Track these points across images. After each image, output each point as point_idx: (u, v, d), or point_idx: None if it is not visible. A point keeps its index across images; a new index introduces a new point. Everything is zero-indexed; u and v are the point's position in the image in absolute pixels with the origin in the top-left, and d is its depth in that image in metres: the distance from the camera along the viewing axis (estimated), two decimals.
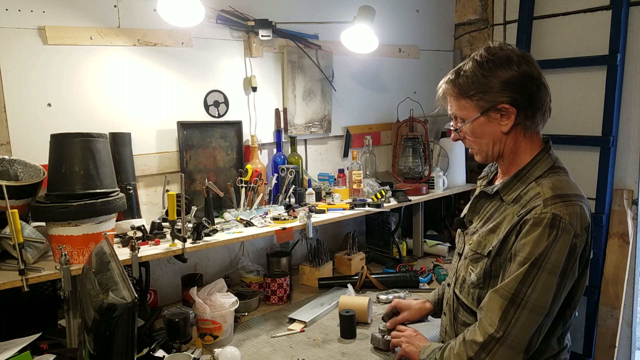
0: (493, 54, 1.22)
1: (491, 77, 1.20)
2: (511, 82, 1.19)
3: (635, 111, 2.60)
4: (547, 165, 1.27)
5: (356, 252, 2.57)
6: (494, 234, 1.25)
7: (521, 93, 1.20)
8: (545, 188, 1.20)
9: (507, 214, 1.24)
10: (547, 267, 1.14)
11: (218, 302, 1.78)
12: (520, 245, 1.17)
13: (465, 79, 1.23)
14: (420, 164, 2.63)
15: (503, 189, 1.28)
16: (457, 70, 1.27)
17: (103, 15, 1.89)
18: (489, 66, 1.20)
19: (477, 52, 1.26)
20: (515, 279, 1.16)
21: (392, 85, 2.94)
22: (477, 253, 1.29)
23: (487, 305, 1.20)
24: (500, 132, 1.25)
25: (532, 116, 1.23)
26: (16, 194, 1.51)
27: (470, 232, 1.37)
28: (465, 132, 1.30)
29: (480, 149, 1.31)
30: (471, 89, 1.22)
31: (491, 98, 1.21)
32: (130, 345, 1.09)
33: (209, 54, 2.18)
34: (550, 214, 1.14)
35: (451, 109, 1.30)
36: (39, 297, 1.77)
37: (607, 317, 2.65)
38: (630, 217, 2.63)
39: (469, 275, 1.31)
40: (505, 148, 1.28)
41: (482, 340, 1.17)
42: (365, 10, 2.27)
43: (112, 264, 1.24)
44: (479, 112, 1.24)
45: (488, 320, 1.18)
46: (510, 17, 3.08)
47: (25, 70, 1.75)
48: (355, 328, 1.83)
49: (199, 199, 2.10)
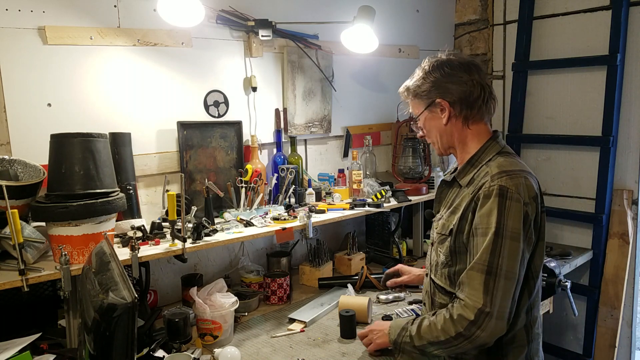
0: (435, 61, 1.43)
1: (428, 78, 1.42)
2: (442, 81, 1.40)
3: (635, 111, 2.60)
4: (495, 150, 1.40)
5: (356, 252, 2.57)
6: (454, 215, 1.38)
7: (454, 91, 1.39)
8: (492, 167, 1.34)
9: (464, 195, 1.38)
10: (508, 235, 1.25)
11: (218, 302, 1.78)
12: (477, 218, 1.29)
13: (414, 82, 1.46)
14: (420, 164, 2.63)
15: (459, 175, 1.43)
16: (410, 77, 1.50)
17: (103, 15, 1.89)
18: (429, 70, 1.43)
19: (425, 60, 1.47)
20: (484, 251, 1.25)
21: (392, 85, 2.93)
22: (442, 234, 1.41)
23: (468, 283, 1.27)
24: (442, 125, 1.43)
25: (468, 108, 1.40)
26: (16, 194, 1.51)
27: (436, 219, 1.51)
28: (419, 127, 1.51)
29: (433, 142, 1.50)
30: (416, 90, 1.45)
31: (428, 95, 1.42)
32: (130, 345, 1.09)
33: (209, 54, 2.18)
34: (497, 186, 1.28)
35: (409, 109, 1.54)
36: (39, 297, 1.77)
37: (607, 317, 2.65)
38: (630, 217, 2.63)
39: (439, 257, 1.42)
40: (453, 139, 1.45)
41: (473, 315, 1.24)
42: (365, 10, 2.27)
43: (112, 264, 1.24)
44: (423, 108, 1.45)
45: (473, 297, 1.25)
46: (510, 17, 3.08)
47: (25, 70, 1.75)
48: (355, 328, 1.83)
49: (199, 199, 2.10)
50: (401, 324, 1.44)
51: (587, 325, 2.72)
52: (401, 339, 1.41)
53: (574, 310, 1.84)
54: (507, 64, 3.11)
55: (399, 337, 1.42)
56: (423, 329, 1.35)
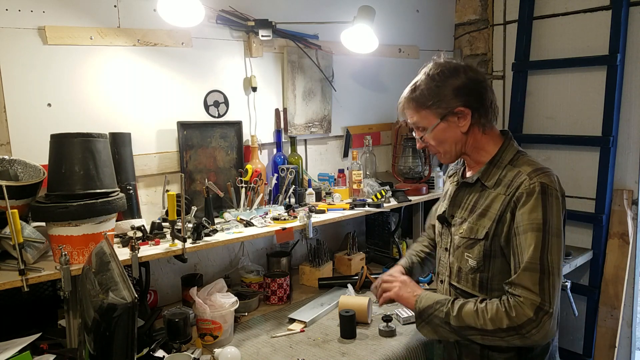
0: (442, 66, 1.36)
1: (444, 86, 1.34)
2: (462, 87, 1.33)
3: (635, 111, 2.60)
4: (514, 150, 1.39)
5: (356, 252, 2.57)
6: (486, 217, 1.33)
7: (472, 95, 1.34)
8: (523, 166, 1.32)
9: (493, 197, 1.34)
10: (553, 231, 1.24)
11: (218, 302, 1.78)
12: (520, 215, 1.26)
13: (421, 92, 1.36)
14: (420, 164, 2.63)
15: (483, 176, 1.38)
16: (412, 86, 1.40)
17: (103, 15, 1.89)
18: (440, 77, 1.34)
19: (426, 66, 1.39)
20: (535, 249, 1.23)
21: (392, 85, 2.93)
22: (471, 239, 1.36)
23: (523, 283, 1.23)
24: (461, 133, 1.38)
25: (485, 114, 1.36)
26: (16, 194, 1.51)
27: (457, 223, 1.43)
28: (428, 139, 1.41)
29: (445, 151, 1.42)
30: (428, 100, 1.35)
31: (447, 104, 1.34)
32: (130, 345, 1.09)
33: (209, 54, 2.18)
34: (538, 183, 1.26)
35: (412, 120, 1.43)
36: (39, 297, 1.77)
37: (607, 317, 2.65)
38: (630, 217, 2.63)
39: (466, 263, 1.37)
40: (467, 146, 1.40)
41: (532, 313, 1.20)
42: (365, 10, 2.27)
43: (112, 264, 1.24)
44: (438, 119, 1.36)
45: (530, 295, 1.21)
46: (510, 17, 3.08)
47: (25, 70, 1.75)
48: (355, 328, 1.83)
49: (199, 199, 2.10)
50: (434, 297, 1.39)
51: (587, 325, 2.72)
52: (432, 311, 1.35)
53: (574, 310, 1.85)
54: (507, 64, 3.11)
55: (430, 308, 1.36)
56: (466, 312, 1.29)
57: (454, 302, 1.34)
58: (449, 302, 1.34)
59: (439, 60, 1.39)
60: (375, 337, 1.82)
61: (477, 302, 1.30)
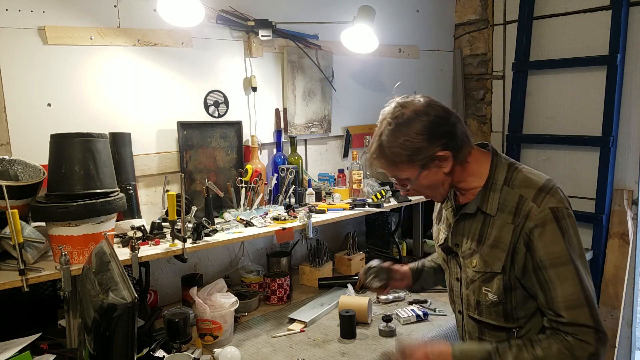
0: (400, 116, 1.26)
1: (412, 137, 1.23)
2: (431, 131, 1.23)
3: (635, 111, 2.60)
4: (504, 167, 1.30)
5: (356, 252, 2.57)
6: (499, 249, 1.25)
7: (445, 135, 1.24)
8: (523, 188, 1.24)
9: (499, 225, 1.25)
10: (577, 255, 1.19)
11: (218, 302, 1.78)
12: (540, 250, 1.19)
13: (391, 150, 1.26)
14: None
15: (482, 204, 1.29)
16: (377, 147, 1.30)
17: (103, 15, 1.89)
18: (404, 129, 1.24)
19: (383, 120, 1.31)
20: (573, 284, 1.17)
21: (392, 85, 2.91)
22: (487, 272, 1.27)
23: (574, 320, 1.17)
24: (444, 175, 1.29)
25: (461, 147, 1.26)
26: (16, 194, 1.51)
27: (465, 254, 1.33)
28: (414, 189, 1.35)
29: (433, 194, 1.36)
30: (401, 157, 1.26)
31: (424, 154, 1.24)
32: (130, 345, 1.09)
33: (209, 54, 2.18)
34: (547, 210, 1.19)
35: (391, 175, 1.34)
36: (39, 297, 1.77)
37: (607, 317, 2.65)
38: (630, 217, 2.63)
39: (485, 297, 1.29)
40: (455, 180, 1.32)
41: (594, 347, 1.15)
42: (365, 10, 2.27)
43: (112, 264, 1.24)
44: (419, 170, 1.27)
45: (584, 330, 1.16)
46: (510, 17, 3.08)
47: (25, 70, 1.75)
48: (355, 328, 1.83)
49: (199, 199, 2.10)
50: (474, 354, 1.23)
51: None
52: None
53: None
54: (507, 64, 3.11)
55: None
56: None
57: (500, 354, 1.20)
58: (496, 355, 1.20)
59: (395, 110, 1.29)
60: (375, 337, 1.82)
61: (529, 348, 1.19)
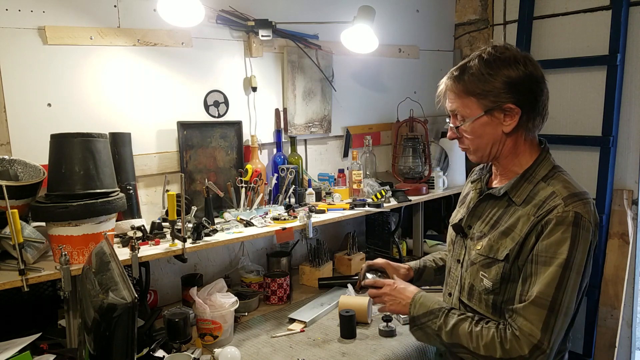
0: (500, 53, 1.19)
1: (497, 76, 1.17)
2: (517, 82, 1.17)
3: (635, 111, 2.60)
4: (549, 165, 1.26)
5: (356, 252, 2.57)
6: (508, 237, 1.21)
7: (526, 94, 1.18)
8: (559, 187, 1.19)
9: (519, 215, 1.21)
10: (575, 268, 1.14)
11: (218, 302, 1.78)
12: (543, 245, 1.15)
13: (471, 76, 1.19)
14: (420, 164, 2.63)
15: (512, 190, 1.24)
16: (462, 67, 1.23)
17: (103, 15, 1.89)
18: (496, 65, 1.18)
19: (482, 49, 1.22)
20: (549, 284, 1.13)
21: (392, 85, 2.93)
22: (489, 257, 1.24)
23: (527, 315, 1.15)
24: (502, 133, 1.22)
25: (534, 118, 1.22)
26: (16, 194, 1.51)
27: (475, 236, 1.30)
28: (464, 130, 1.26)
29: (477, 148, 1.27)
30: (477, 87, 1.19)
31: (497, 97, 1.18)
32: (130, 345, 1.09)
33: (209, 54, 2.18)
34: (572, 213, 1.14)
35: (452, 106, 1.26)
36: (39, 297, 1.77)
37: (607, 317, 2.65)
38: (630, 217, 2.63)
39: (480, 282, 1.26)
40: (504, 149, 1.25)
41: (528, 351, 1.13)
42: (365, 10, 2.27)
43: (112, 264, 1.24)
44: (482, 111, 1.20)
45: (530, 331, 1.13)
46: (510, 17, 3.08)
47: (25, 70, 1.75)
48: (355, 328, 1.83)
49: (199, 199, 2.10)
50: (428, 304, 1.30)
51: (587, 325, 2.71)
52: (425, 320, 1.29)
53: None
54: None
55: (423, 317, 1.30)
56: (460, 331, 1.22)
57: (447, 314, 1.27)
58: (443, 315, 1.27)
59: (498, 45, 1.22)
60: (375, 337, 1.82)
61: (472, 322, 1.22)
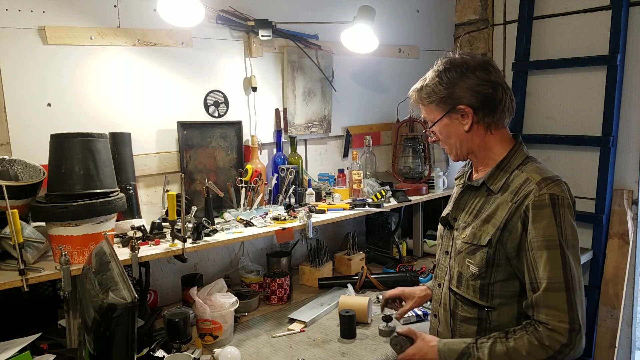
0: (451, 63, 1.35)
1: (449, 83, 1.33)
2: (467, 86, 1.32)
3: (635, 111, 2.60)
4: (523, 155, 1.36)
5: (356, 252, 2.57)
6: (489, 224, 1.30)
7: (476, 95, 1.32)
8: (532, 173, 1.29)
9: (499, 203, 1.31)
10: (569, 244, 1.22)
11: (218, 302, 1.78)
12: (533, 230, 1.23)
13: (427, 87, 1.37)
14: (420, 164, 2.63)
15: (489, 180, 1.35)
16: (422, 79, 1.41)
17: (103, 15, 1.89)
18: (447, 74, 1.34)
19: (438, 61, 1.39)
20: (555, 266, 1.20)
21: (392, 85, 2.93)
22: (473, 244, 1.33)
23: (549, 304, 1.19)
24: (464, 131, 1.36)
25: (491, 113, 1.34)
26: (16, 194, 1.51)
27: (460, 227, 1.40)
28: (436, 133, 1.43)
29: (450, 148, 1.43)
30: (433, 95, 1.36)
31: (450, 101, 1.34)
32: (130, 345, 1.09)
33: (209, 54, 2.18)
34: (547, 195, 1.23)
35: (422, 114, 1.45)
36: (39, 297, 1.77)
37: (607, 317, 2.65)
38: (630, 217, 2.63)
39: (467, 269, 1.34)
40: (473, 145, 1.38)
41: (567, 338, 1.17)
42: (365, 10, 2.27)
43: (112, 264, 1.24)
44: (442, 114, 1.37)
45: (559, 318, 1.18)
46: (510, 17, 3.08)
47: (25, 70, 1.75)
48: (355, 328, 1.83)
49: (199, 199, 2.10)
50: (456, 347, 1.30)
51: (587, 325, 2.69)
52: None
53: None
54: (507, 64, 3.11)
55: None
56: (498, 353, 1.23)
57: (477, 347, 1.27)
58: (474, 349, 1.27)
59: (451, 57, 1.37)
60: (375, 337, 1.82)
61: (503, 341, 1.24)
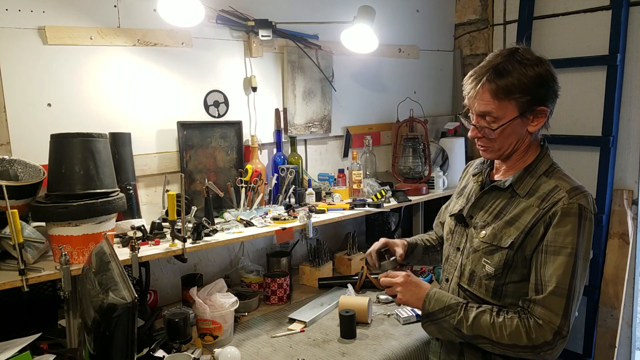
0: (528, 54, 1.24)
1: (533, 78, 1.22)
2: (546, 83, 1.24)
3: (635, 111, 2.60)
4: (549, 162, 1.35)
5: (356, 252, 2.57)
6: (513, 227, 1.29)
7: (551, 94, 1.27)
8: (560, 181, 1.29)
9: (524, 206, 1.29)
10: (582, 256, 1.23)
11: (218, 302, 1.78)
12: (553, 234, 1.23)
13: (510, 79, 1.22)
14: (420, 164, 2.63)
15: (516, 183, 1.32)
16: (496, 68, 1.24)
17: (103, 15, 1.89)
18: (531, 67, 1.22)
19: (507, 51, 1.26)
20: (565, 274, 1.21)
21: (392, 85, 2.93)
22: (493, 245, 1.31)
23: (546, 304, 1.22)
24: (526, 132, 1.30)
25: (551, 117, 1.31)
26: (16, 194, 1.51)
27: (478, 225, 1.37)
28: (490, 129, 1.28)
29: (500, 147, 1.32)
30: (517, 91, 1.23)
31: (533, 100, 1.25)
32: (130, 345, 1.09)
33: (209, 54, 2.18)
34: (577, 205, 1.23)
35: (486, 107, 1.26)
36: (39, 297, 1.77)
37: (607, 317, 2.65)
38: (630, 217, 2.63)
39: (482, 268, 1.33)
40: (522, 146, 1.33)
41: (551, 337, 1.21)
42: (365, 10, 2.27)
43: (112, 264, 1.24)
44: (518, 113, 1.26)
45: (551, 319, 1.22)
46: (510, 17, 3.08)
47: (25, 70, 1.75)
48: (355, 328, 1.83)
49: (199, 199, 2.10)
50: (444, 300, 1.34)
51: (587, 325, 2.72)
52: (442, 315, 1.32)
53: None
54: None
55: (439, 312, 1.32)
56: (482, 323, 1.26)
57: (466, 308, 1.30)
58: (461, 309, 1.30)
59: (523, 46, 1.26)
60: (375, 337, 1.82)
61: (492, 314, 1.27)
